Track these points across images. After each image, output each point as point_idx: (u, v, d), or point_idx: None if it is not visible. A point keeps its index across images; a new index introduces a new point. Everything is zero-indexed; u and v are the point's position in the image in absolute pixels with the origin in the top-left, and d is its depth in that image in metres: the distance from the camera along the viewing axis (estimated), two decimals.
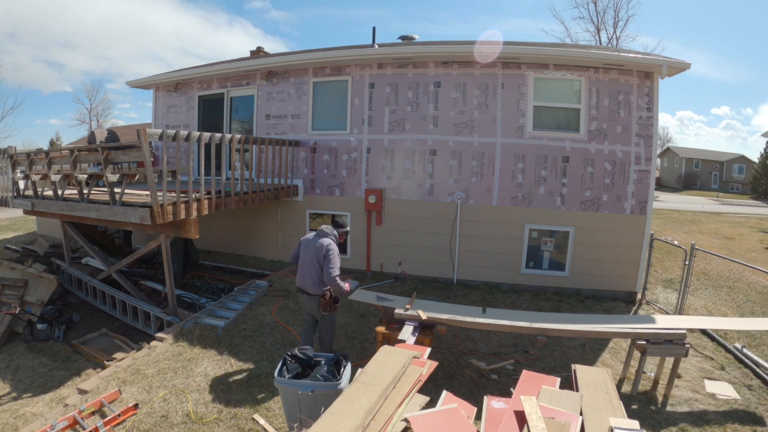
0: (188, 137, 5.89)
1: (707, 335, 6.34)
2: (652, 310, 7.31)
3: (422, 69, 8.02)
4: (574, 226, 7.65)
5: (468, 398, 3.35)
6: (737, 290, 8.30)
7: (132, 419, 4.08)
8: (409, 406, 2.94)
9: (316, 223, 8.99)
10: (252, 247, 9.58)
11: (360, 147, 8.42)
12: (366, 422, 2.65)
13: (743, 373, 5.30)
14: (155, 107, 10.69)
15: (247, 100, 9.47)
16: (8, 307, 6.72)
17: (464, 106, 7.88)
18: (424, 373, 3.33)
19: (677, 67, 7.06)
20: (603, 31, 28.18)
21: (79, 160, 6.45)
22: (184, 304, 7.26)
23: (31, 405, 4.78)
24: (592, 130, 7.52)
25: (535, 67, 7.58)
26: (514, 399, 2.99)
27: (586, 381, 3.45)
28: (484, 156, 7.85)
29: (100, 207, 5.95)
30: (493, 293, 7.65)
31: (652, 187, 7.51)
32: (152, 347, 5.49)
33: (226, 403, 4.35)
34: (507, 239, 7.86)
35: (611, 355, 5.57)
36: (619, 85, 7.41)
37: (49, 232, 11.97)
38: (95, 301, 7.47)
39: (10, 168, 7.55)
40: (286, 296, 7.09)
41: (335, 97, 8.61)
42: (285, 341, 5.68)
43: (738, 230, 14.73)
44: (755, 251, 11.56)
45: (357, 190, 8.51)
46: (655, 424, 4.22)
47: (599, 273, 7.62)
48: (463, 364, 5.21)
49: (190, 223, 6.05)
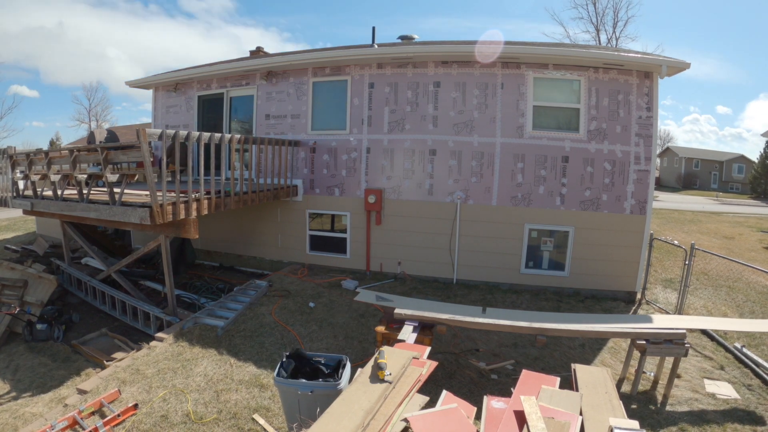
0: (188, 137, 5.88)
1: (707, 335, 6.34)
2: (652, 309, 7.31)
3: (422, 69, 8.01)
4: (574, 225, 7.65)
5: (468, 398, 3.35)
6: (737, 290, 8.30)
7: (132, 419, 4.08)
8: (409, 406, 2.94)
9: (315, 223, 8.99)
10: (252, 247, 9.58)
11: (359, 147, 8.42)
12: (366, 422, 2.65)
13: (743, 373, 5.30)
14: (155, 107, 10.68)
15: (247, 100, 9.47)
16: (8, 307, 6.72)
17: (464, 106, 7.88)
18: (423, 373, 3.33)
19: (677, 67, 7.06)
20: (602, 31, 28.20)
21: (79, 160, 6.44)
22: (184, 304, 7.26)
23: (30, 405, 4.77)
24: (592, 129, 7.52)
25: (535, 67, 7.58)
26: (513, 399, 2.99)
27: (586, 381, 3.45)
28: (483, 156, 7.85)
29: (99, 207, 5.94)
30: (492, 293, 7.65)
31: (652, 187, 7.51)
32: (152, 347, 5.48)
33: (225, 403, 4.35)
34: (506, 239, 7.86)
35: (611, 355, 5.57)
36: (618, 84, 7.41)
37: (49, 232, 11.96)
38: (95, 301, 7.46)
39: (9, 168, 7.54)
40: (285, 296, 7.09)
41: (335, 97, 8.61)
42: (285, 341, 5.68)
43: (738, 230, 14.73)
44: (755, 251, 11.57)
45: (356, 190, 8.51)
46: (654, 424, 4.22)
47: (599, 273, 7.62)
48: (463, 364, 5.21)
49: (190, 223, 6.05)
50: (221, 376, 4.82)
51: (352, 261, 8.68)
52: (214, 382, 4.71)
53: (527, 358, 5.37)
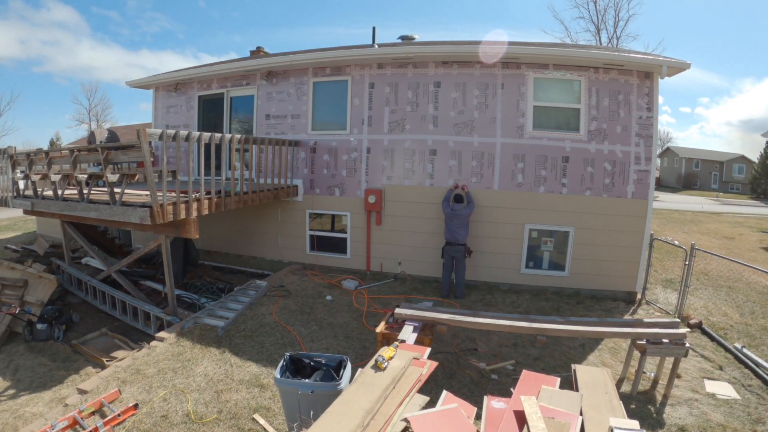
0: (188, 137, 5.89)
1: (707, 335, 6.34)
2: (652, 310, 7.31)
3: (422, 69, 8.01)
4: (574, 226, 7.65)
5: (468, 398, 3.36)
6: (737, 290, 8.30)
7: (132, 419, 4.08)
8: (409, 406, 2.94)
9: (316, 223, 8.99)
10: (252, 247, 9.58)
11: (360, 147, 8.42)
12: (366, 422, 2.65)
13: (743, 374, 5.30)
14: (155, 107, 10.68)
15: (247, 100, 9.47)
16: (8, 307, 6.73)
17: (464, 106, 7.87)
18: (423, 373, 3.33)
19: (677, 67, 7.05)
20: (603, 30, 28.20)
21: (79, 160, 6.45)
22: (184, 304, 7.27)
23: (31, 405, 4.78)
24: (592, 130, 7.52)
25: (535, 67, 7.58)
26: (514, 399, 2.99)
27: (586, 381, 3.45)
28: (483, 156, 7.85)
29: (100, 207, 5.95)
30: (492, 293, 7.65)
31: (652, 187, 7.51)
32: (152, 347, 5.49)
33: (225, 403, 4.35)
34: (507, 239, 7.86)
35: (611, 355, 5.57)
36: (619, 85, 7.41)
37: (49, 232, 11.97)
38: (95, 301, 7.47)
39: (10, 168, 7.55)
40: (286, 296, 7.10)
41: (335, 97, 8.61)
42: (285, 341, 5.68)
43: (738, 230, 14.74)
44: (755, 251, 11.57)
45: (357, 190, 8.51)
46: (654, 424, 4.22)
47: (599, 273, 7.62)
48: (463, 364, 5.21)
49: (190, 223, 6.05)
50: (221, 376, 4.82)
51: (353, 261, 8.69)
52: (214, 382, 4.71)
53: (527, 359, 5.37)
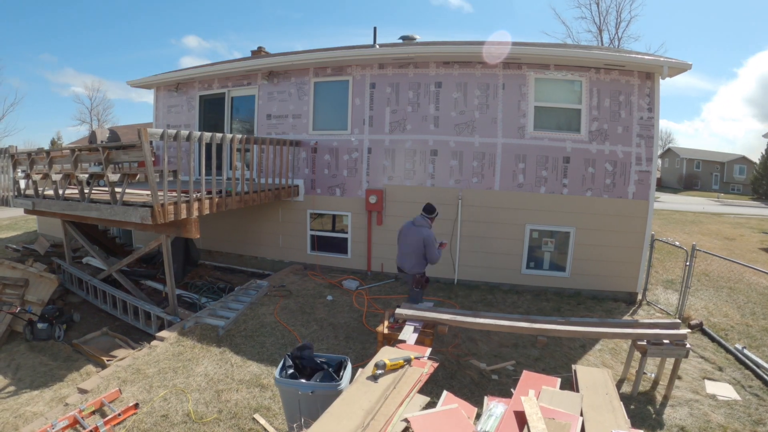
0: (189, 137, 5.89)
1: (708, 336, 6.33)
2: (653, 310, 7.30)
3: (423, 69, 8.01)
4: (575, 226, 7.64)
5: (468, 398, 3.36)
6: (738, 291, 8.29)
7: (132, 419, 4.08)
8: (410, 406, 2.94)
9: (317, 223, 9.00)
10: (253, 246, 9.58)
11: (361, 147, 8.42)
12: (366, 422, 2.65)
13: (744, 374, 5.29)
14: (156, 107, 10.69)
15: (248, 100, 9.47)
16: (9, 306, 6.74)
17: (465, 107, 7.87)
18: (424, 373, 3.32)
19: (678, 68, 7.05)
20: (605, 31, 28.17)
21: (80, 159, 6.45)
22: (185, 303, 7.27)
23: (31, 404, 4.78)
24: (593, 130, 7.51)
25: (536, 68, 7.58)
26: (514, 399, 2.99)
27: (587, 382, 3.45)
28: (484, 156, 7.85)
29: (100, 206, 5.95)
30: (493, 293, 7.64)
31: (653, 188, 7.50)
32: (153, 347, 5.49)
33: (226, 402, 4.35)
34: (508, 239, 7.85)
35: (612, 356, 5.57)
36: (620, 85, 7.40)
37: (50, 231, 11.99)
38: (96, 300, 7.47)
39: (11, 167, 7.56)
40: (286, 296, 7.10)
41: (336, 97, 8.61)
42: (285, 341, 5.68)
43: (739, 231, 14.72)
44: (756, 252, 11.55)
45: (358, 190, 8.51)
46: (655, 425, 4.22)
47: (600, 273, 7.61)
48: (464, 364, 5.20)
49: (191, 223, 6.06)
50: (222, 376, 4.83)
51: (353, 261, 8.69)
52: (214, 381, 4.71)
53: (528, 359, 5.37)
